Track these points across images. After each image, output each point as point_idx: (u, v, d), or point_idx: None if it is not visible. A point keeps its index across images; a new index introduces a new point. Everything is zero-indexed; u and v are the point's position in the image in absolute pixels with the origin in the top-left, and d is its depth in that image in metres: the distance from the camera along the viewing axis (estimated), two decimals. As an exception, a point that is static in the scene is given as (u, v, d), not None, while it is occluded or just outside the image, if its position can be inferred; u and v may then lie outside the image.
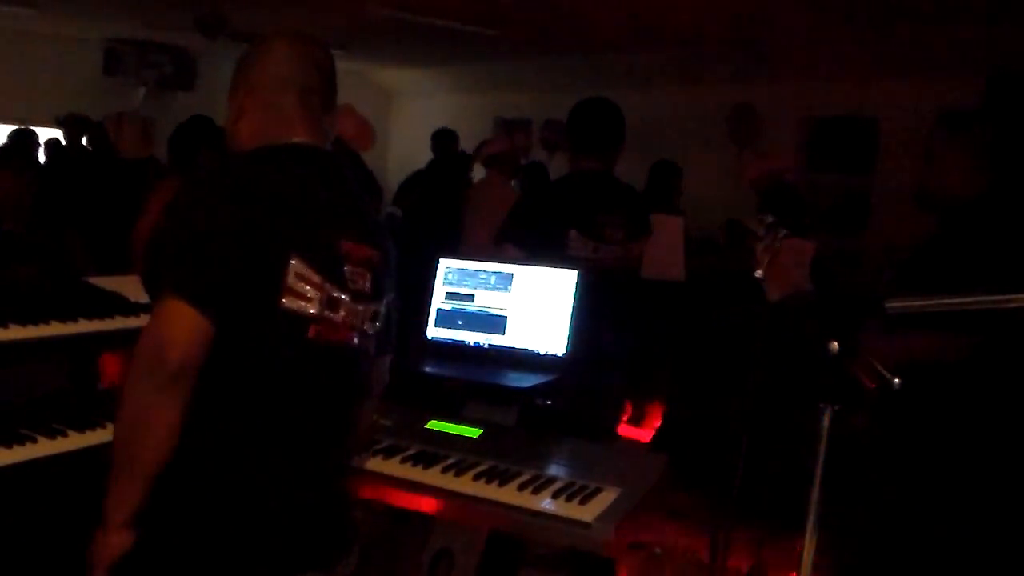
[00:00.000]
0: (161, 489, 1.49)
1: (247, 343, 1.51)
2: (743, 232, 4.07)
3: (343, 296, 1.61)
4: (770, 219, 2.24)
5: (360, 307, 1.65)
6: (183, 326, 1.43)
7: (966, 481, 2.40)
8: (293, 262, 1.51)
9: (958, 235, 2.45)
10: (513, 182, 5.83)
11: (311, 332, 1.56)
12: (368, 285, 1.66)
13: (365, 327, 1.67)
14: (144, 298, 1.65)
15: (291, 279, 1.52)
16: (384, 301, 1.74)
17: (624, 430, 4.34)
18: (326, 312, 1.58)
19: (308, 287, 1.54)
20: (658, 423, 4.98)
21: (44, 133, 7.10)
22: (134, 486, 1.47)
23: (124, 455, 1.47)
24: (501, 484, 1.92)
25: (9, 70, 8.25)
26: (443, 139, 6.55)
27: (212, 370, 1.48)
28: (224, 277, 1.46)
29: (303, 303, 1.54)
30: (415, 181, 6.47)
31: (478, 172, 6.15)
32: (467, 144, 6.71)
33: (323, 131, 1.71)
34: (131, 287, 2.33)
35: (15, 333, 2.16)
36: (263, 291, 1.50)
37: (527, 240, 2.85)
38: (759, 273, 2.32)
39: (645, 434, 4.79)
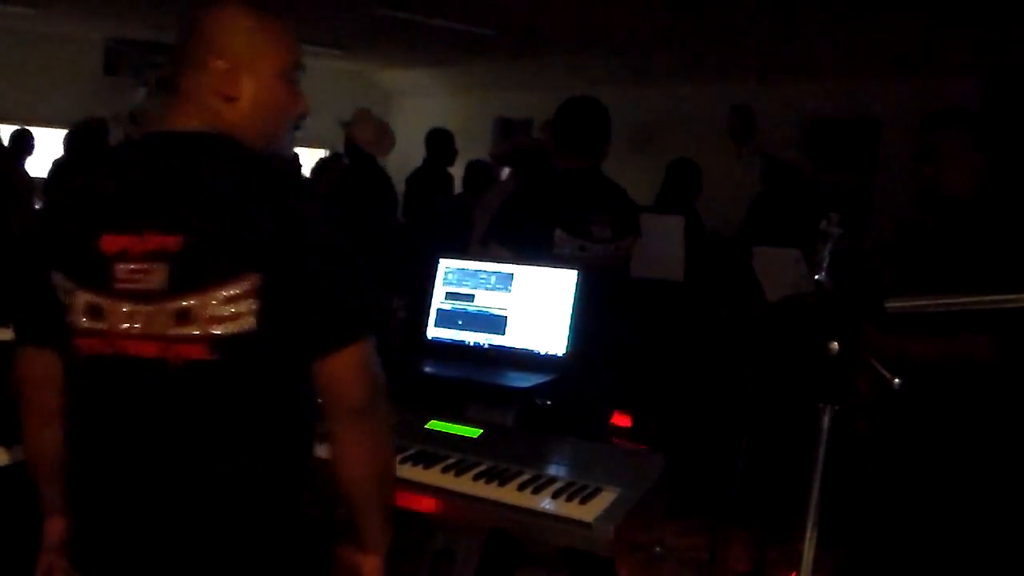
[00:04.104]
0: None
1: (64, 366, 1.52)
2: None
3: (105, 300, 1.41)
4: (836, 217, 2.24)
5: (149, 309, 1.39)
6: (14, 353, 1.55)
7: (968, 481, 2.40)
8: (54, 276, 1.44)
9: (963, 234, 2.45)
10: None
11: (82, 347, 1.44)
12: (161, 280, 1.39)
13: (169, 331, 1.39)
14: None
15: (61, 294, 1.44)
16: (209, 292, 1.38)
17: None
18: (88, 323, 1.43)
19: (70, 298, 1.44)
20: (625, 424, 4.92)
21: (43, 134, 7.11)
22: (42, 484, 1.63)
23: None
24: (501, 484, 1.92)
25: (9, 70, 8.26)
26: (436, 140, 6.51)
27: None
28: (22, 307, 1.54)
29: (72, 316, 1.44)
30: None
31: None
32: (469, 144, 6.71)
33: (174, 103, 1.51)
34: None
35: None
36: (51, 312, 1.46)
37: (513, 239, 2.84)
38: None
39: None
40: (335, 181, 5.49)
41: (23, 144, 6.72)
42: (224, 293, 1.38)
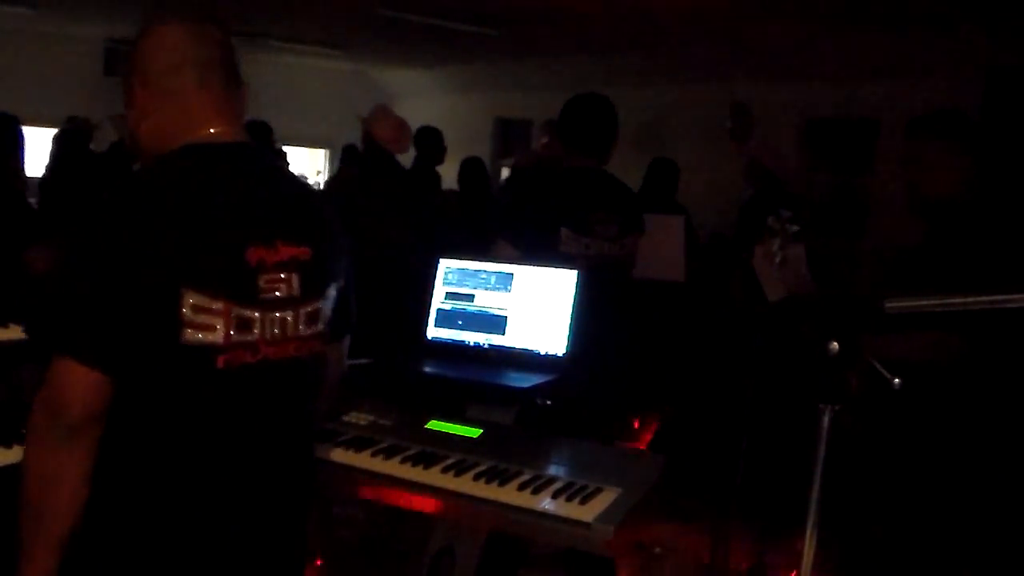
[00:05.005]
0: (83, 544, 1.43)
1: (150, 384, 1.43)
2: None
3: (255, 313, 1.48)
4: (786, 214, 2.23)
5: (286, 315, 1.53)
6: (75, 383, 1.36)
7: (964, 480, 2.40)
8: (187, 295, 1.39)
9: (952, 236, 2.46)
10: None
11: (219, 363, 1.44)
12: (296, 287, 1.54)
13: (301, 331, 1.56)
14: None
15: (188, 312, 1.40)
16: (325, 295, 1.62)
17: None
18: (235, 336, 1.45)
19: (208, 316, 1.42)
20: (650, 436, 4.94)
21: (41, 134, 7.10)
22: (50, 544, 1.41)
23: (35, 515, 1.40)
24: (501, 484, 1.92)
25: (9, 70, 8.25)
26: (426, 138, 6.48)
27: (121, 415, 1.41)
28: (107, 329, 1.36)
29: (206, 334, 1.42)
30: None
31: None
32: (469, 144, 6.70)
33: (231, 111, 1.58)
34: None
35: (15, 333, 2.16)
36: (158, 331, 1.39)
37: (520, 236, 2.84)
38: (775, 271, 2.30)
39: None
40: (349, 179, 5.43)
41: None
42: (331, 293, 1.64)
